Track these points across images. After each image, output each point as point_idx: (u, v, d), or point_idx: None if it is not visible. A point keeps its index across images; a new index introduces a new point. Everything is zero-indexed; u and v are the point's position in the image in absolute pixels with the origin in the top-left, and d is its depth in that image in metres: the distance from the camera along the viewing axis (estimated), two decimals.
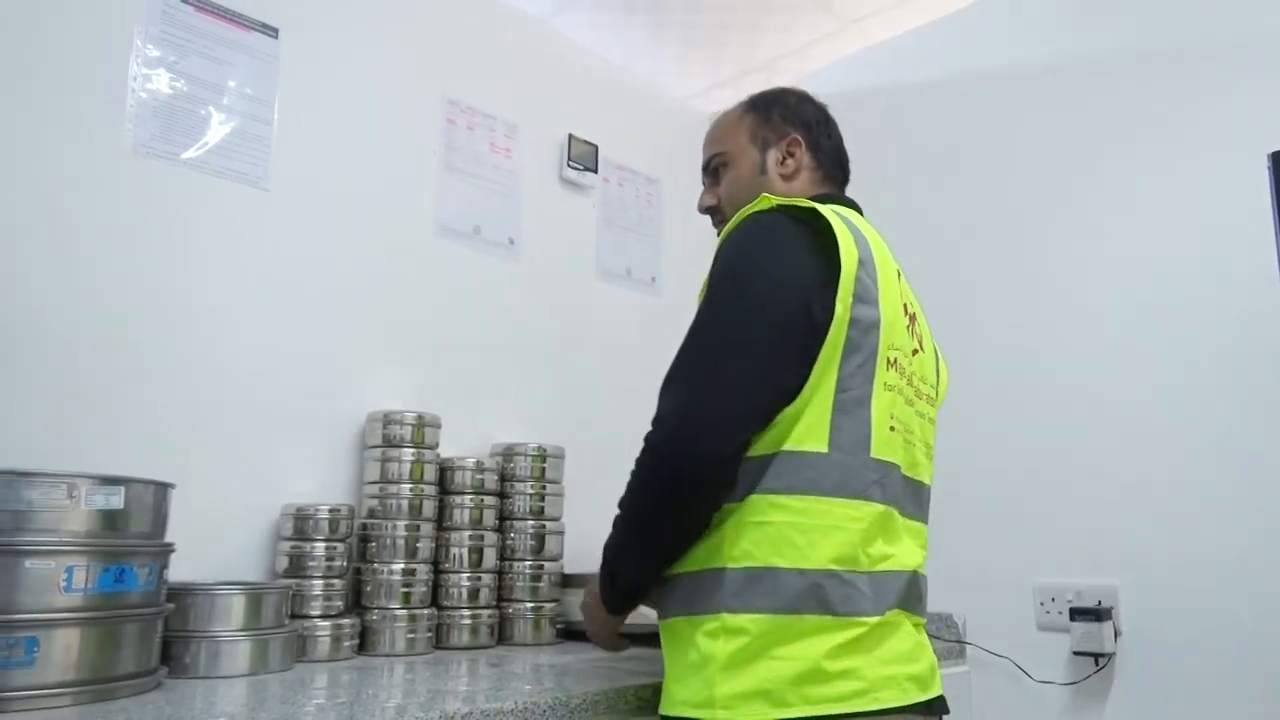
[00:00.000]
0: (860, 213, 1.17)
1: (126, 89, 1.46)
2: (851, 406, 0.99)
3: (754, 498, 0.97)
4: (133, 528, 1.09)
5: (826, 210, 1.01)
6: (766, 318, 0.98)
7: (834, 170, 1.23)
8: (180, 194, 1.49)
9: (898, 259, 1.12)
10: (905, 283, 1.12)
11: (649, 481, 1.00)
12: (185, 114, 1.52)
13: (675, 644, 1.01)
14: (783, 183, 1.18)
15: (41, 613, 0.99)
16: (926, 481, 1.14)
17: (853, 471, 0.98)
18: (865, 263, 1.01)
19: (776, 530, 0.96)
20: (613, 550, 1.07)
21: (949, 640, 1.80)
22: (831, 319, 0.97)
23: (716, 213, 1.24)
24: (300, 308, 1.62)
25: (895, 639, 0.99)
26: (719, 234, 1.10)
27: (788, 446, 0.97)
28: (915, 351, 1.11)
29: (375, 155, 1.76)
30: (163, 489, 1.15)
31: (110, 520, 1.06)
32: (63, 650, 1.00)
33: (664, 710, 1.00)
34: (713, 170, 1.25)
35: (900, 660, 0.98)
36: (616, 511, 1.04)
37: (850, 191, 1.24)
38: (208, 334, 1.50)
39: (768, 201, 1.03)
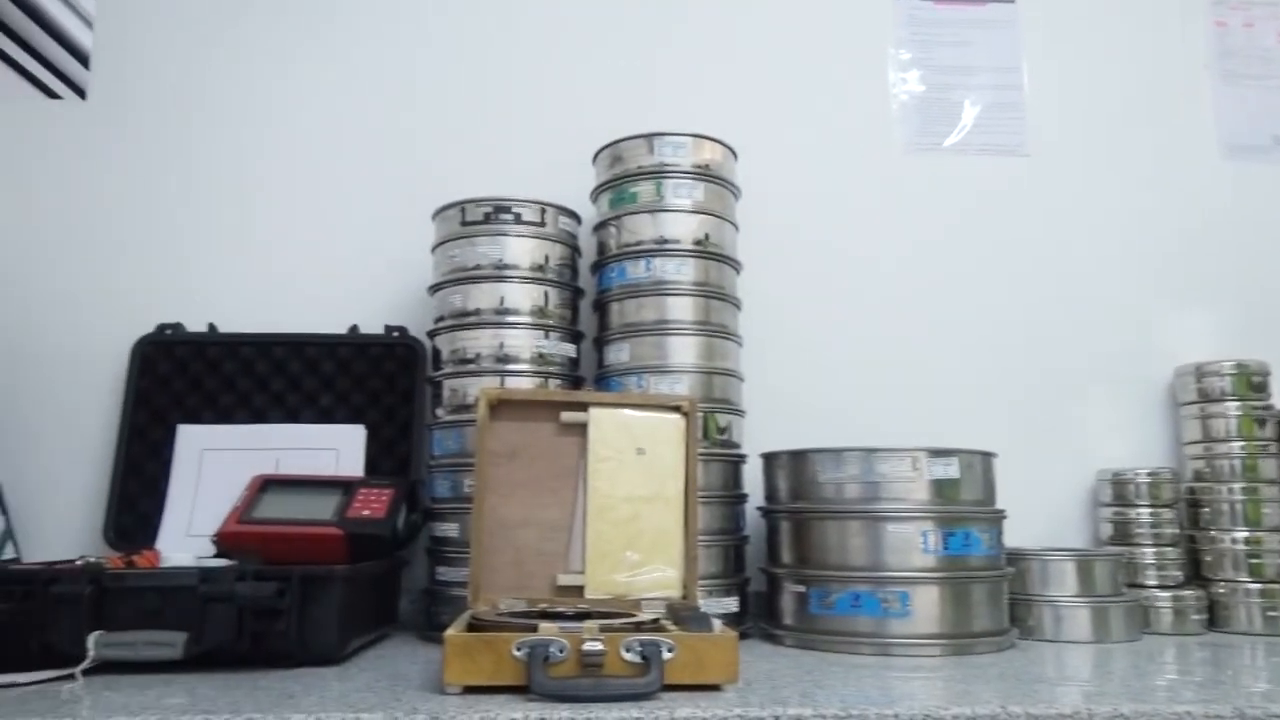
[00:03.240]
0: None
1: (888, 95, 1.59)
2: None
3: None
4: (967, 495, 1.16)
5: None
6: None
7: None
8: (945, 179, 1.57)
9: None
10: None
11: None
12: (940, 104, 1.60)
13: None
14: None
15: (907, 571, 1.11)
16: None
17: None
18: None
19: None
20: None
21: None
22: None
23: None
24: (1081, 266, 1.56)
25: None
26: None
27: None
28: None
29: (1134, 88, 1.62)
30: (987, 458, 1.20)
31: (948, 489, 1.15)
32: (927, 605, 1.11)
33: None
34: None
35: None
36: None
37: None
38: (997, 306, 1.54)
39: None
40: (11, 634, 0.97)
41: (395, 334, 1.43)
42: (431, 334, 1.32)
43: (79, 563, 1.10)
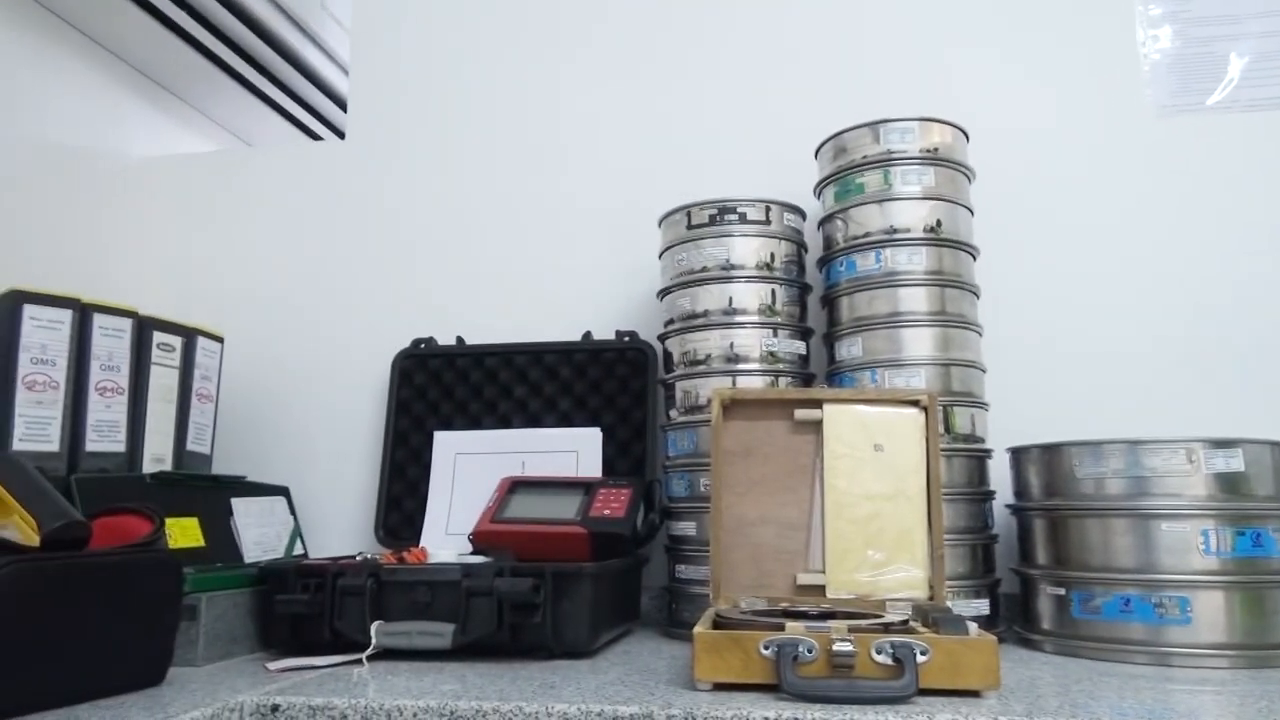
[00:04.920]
0: None
1: (1136, 55, 1.46)
2: None
3: None
4: (1256, 490, 1.04)
5: None
6: None
7: None
8: (1209, 141, 1.41)
9: None
10: None
11: None
12: (1200, 59, 1.44)
13: None
14: None
15: (1185, 574, 1.01)
16: None
17: None
18: None
19: None
20: None
21: None
22: None
23: None
24: None
25: None
26: None
27: None
28: None
29: None
30: (1278, 448, 1.07)
31: (1232, 483, 1.03)
32: (1211, 611, 1.00)
33: None
34: None
35: None
36: None
37: None
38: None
39: None
40: (307, 622, 1.09)
41: (626, 338, 1.48)
42: (662, 337, 1.35)
43: (358, 559, 1.22)
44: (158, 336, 1.30)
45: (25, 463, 0.88)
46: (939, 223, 1.23)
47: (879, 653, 0.83)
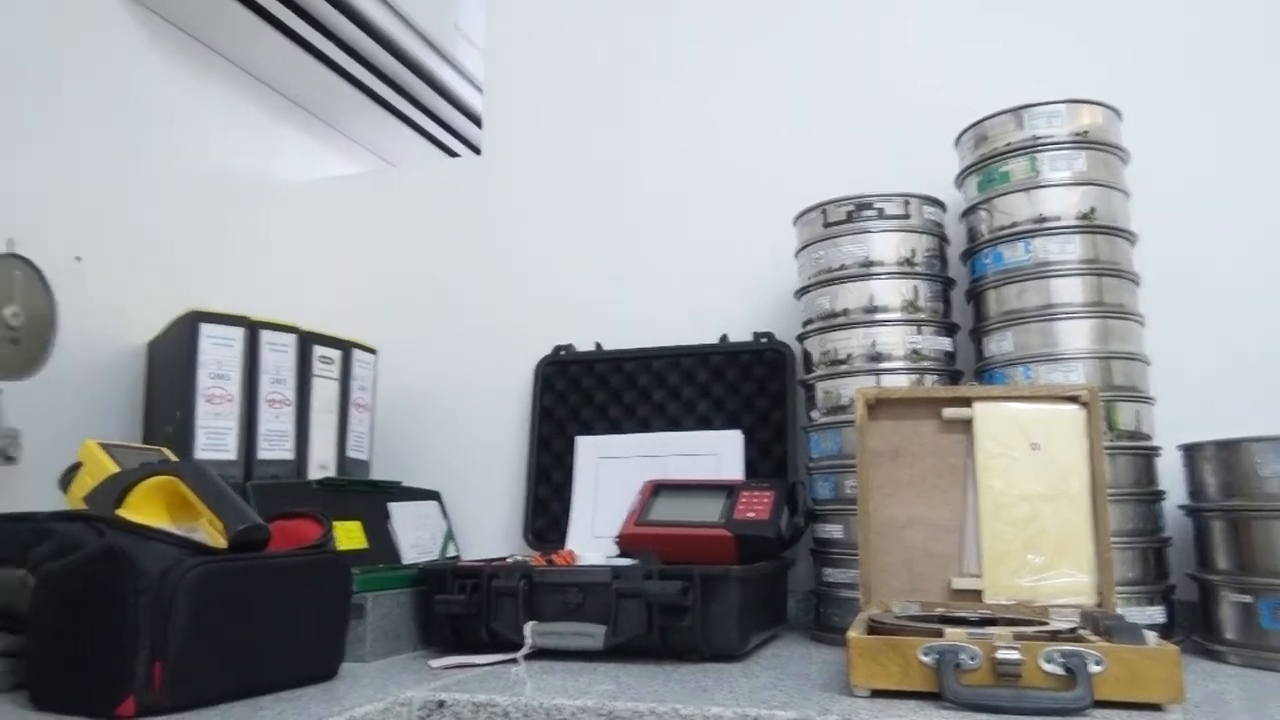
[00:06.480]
0: None
1: None
2: None
3: None
4: None
5: None
6: None
7: None
8: None
9: None
10: None
11: None
12: None
13: None
14: None
15: None
16: None
17: None
18: None
19: None
20: None
21: None
22: None
23: None
24: None
25: None
26: None
27: None
28: None
29: None
30: None
31: None
32: None
33: None
34: None
35: None
36: None
37: None
38: None
39: None
40: (465, 621, 1.13)
41: (763, 339, 1.47)
42: (801, 337, 1.33)
43: (509, 561, 1.25)
44: (318, 350, 1.38)
45: (211, 470, 0.95)
46: (1092, 209, 1.17)
47: (1048, 662, 0.79)
